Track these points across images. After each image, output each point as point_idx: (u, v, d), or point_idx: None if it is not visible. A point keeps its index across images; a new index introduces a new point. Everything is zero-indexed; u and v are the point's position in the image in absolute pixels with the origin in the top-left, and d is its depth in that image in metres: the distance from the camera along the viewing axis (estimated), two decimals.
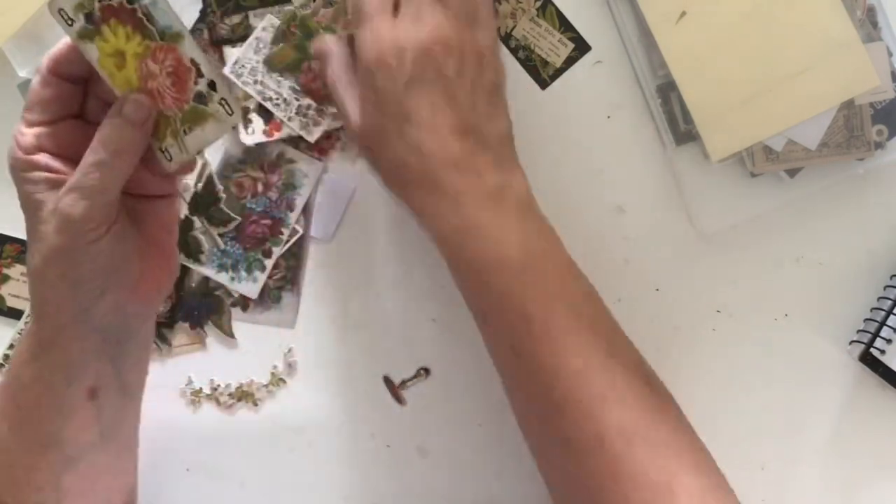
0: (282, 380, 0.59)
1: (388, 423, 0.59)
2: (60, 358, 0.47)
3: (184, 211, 0.59)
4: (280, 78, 0.57)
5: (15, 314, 0.59)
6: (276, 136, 0.58)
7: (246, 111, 0.58)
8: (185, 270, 0.59)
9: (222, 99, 0.44)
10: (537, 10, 0.58)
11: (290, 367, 0.59)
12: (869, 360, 0.57)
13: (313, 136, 0.57)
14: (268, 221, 0.59)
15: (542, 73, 0.59)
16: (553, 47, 0.58)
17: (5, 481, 0.48)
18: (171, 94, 0.45)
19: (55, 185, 0.45)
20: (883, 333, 0.56)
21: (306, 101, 0.57)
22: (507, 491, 0.58)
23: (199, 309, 0.59)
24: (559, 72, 0.59)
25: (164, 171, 0.47)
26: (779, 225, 0.59)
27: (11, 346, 0.59)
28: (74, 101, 0.47)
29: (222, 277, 0.59)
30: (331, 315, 0.59)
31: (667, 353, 0.53)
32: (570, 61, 0.59)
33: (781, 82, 0.55)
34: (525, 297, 0.47)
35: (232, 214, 0.58)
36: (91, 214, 0.44)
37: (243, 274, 0.59)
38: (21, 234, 0.59)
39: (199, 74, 0.44)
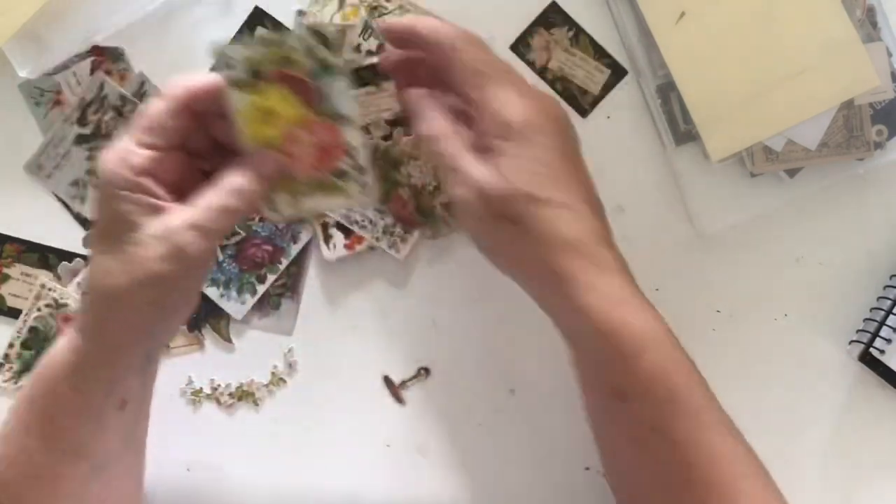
0: (282, 379, 0.59)
1: (388, 423, 0.59)
2: (106, 374, 0.47)
3: None
4: None
5: (14, 314, 0.59)
6: (358, 248, 0.58)
7: (326, 227, 0.58)
8: None
9: (364, 184, 0.47)
10: (570, 39, 0.59)
11: (291, 366, 0.59)
12: (869, 360, 0.57)
13: (402, 253, 0.58)
14: (269, 248, 0.59)
15: (582, 102, 0.59)
16: (589, 75, 0.59)
17: (31, 491, 0.47)
18: (310, 163, 0.47)
19: (154, 210, 0.45)
20: (883, 333, 0.56)
21: (390, 218, 0.58)
22: (506, 491, 0.58)
23: (197, 313, 0.59)
24: (598, 99, 0.59)
25: (266, 217, 0.49)
26: (779, 225, 0.59)
27: (11, 346, 0.59)
28: (190, 133, 0.47)
29: (212, 292, 0.59)
30: (331, 315, 0.59)
31: None
32: (607, 87, 0.59)
33: (781, 82, 0.55)
34: (671, 373, 0.46)
35: (237, 228, 0.58)
36: (206, 253, 0.45)
37: (234, 294, 0.59)
38: (20, 234, 0.60)
39: (350, 157, 0.47)
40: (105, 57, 0.60)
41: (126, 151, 0.45)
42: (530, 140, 0.45)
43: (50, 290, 0.59)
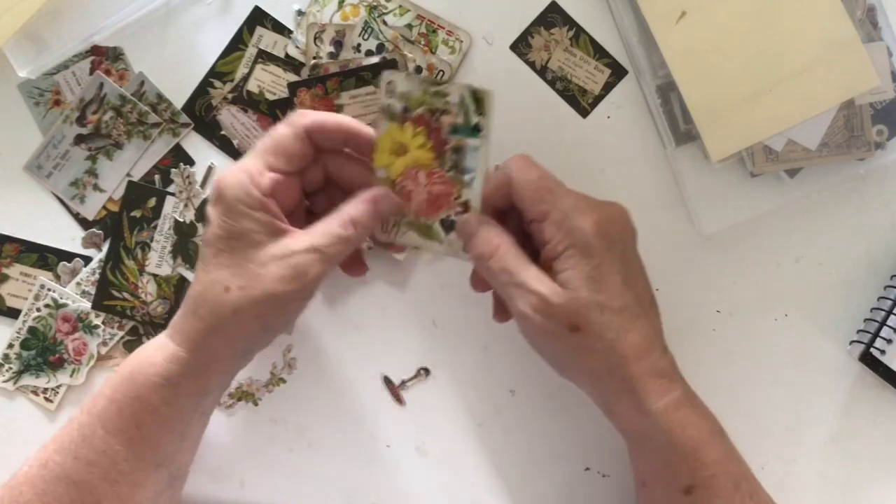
0: (281, 379, 0.59)
1: (388, 423, 0.59)
2: (200, 387, 0.48)
3: (189, 216, 0.59)
4: None
5: (13, 314, 0.59)
6: None
7: None
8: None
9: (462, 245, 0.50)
10: (570, 39, 0.59)
11: (290, 365, 0.59)
12: (869, 360, 0.57)
13: (402, 253, 0.59)
14: None
15: (582, 102, 0.59)
16: (590, 75, 0.59)
17: (107, 494, 0.47)
18: (418, 206, 0.50)
19: (274, 231, 0.47)
20: (883, 333, 0.56)
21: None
22: (506, 491, 0.58)
23: None
24: (598, 98, 0.59)
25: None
26: (779, 225, 0.59)
27: (10, 346, 0.59)
28: (308, 162, 0.50)
29: None
30: (331, 315, 0.59)
31: None
32: (608, 87, 0.59)
33: (781, 82, 0.55)
34: (728, 463, 0.48)
35: None
36: (321, 277, 0.47)
37: None
38: (20, 234, 0.60)
39: (463, 210, 0.50)
40: (104, 57, 0.60)
41: (256, 171, 0.48)
42: (597, 248, 0.46)
43: (49, 290, 0.59)
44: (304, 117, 0.49)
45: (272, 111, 0.59)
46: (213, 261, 0.48)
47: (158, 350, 0.48)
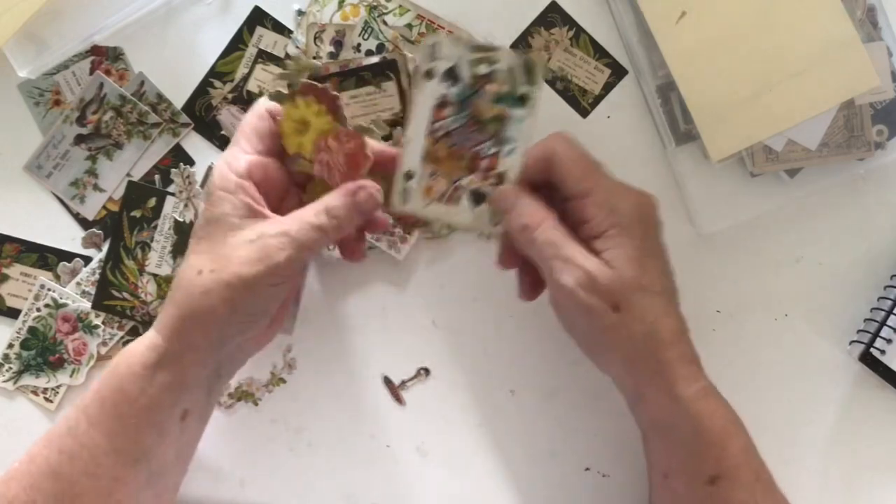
0: (281, 379, 0.59)
1: (388, 423, 0.59)
2: (177, 379, 0.48)
3: (189, 216, 0.59)
4: None
5: (13, 314, 0.59)
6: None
7: None
8: None
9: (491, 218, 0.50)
10: (570, 39, 0.59)
11: (290, 365, 0.59)
12: (869, 360, 0.57)
13: (402, 253, 0.58)
14: None
15: (582, 102, 0.59)
16: (590, 75, 0.59)
17: (87, 488, 0.47)
18: (341, 171, 0.49)
19: (252, 213, 0.48)
20: (883, 333, 0.56)
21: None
22: (506, 491, 0.58)
23: None
24: (598, 98, 0.59)
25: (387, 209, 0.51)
26: (779, 225, 0.59)
27: (10, 346, 0.59)
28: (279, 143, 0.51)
29: None
30: (331, 315, 0.59)
31: None
32: (608, 87, 0.59)
33: (781, 82, 0.55)
34: (752, 452, 0.48)
35: None
36: (289, 265, 0.46)
37: None
38: (20, 234, 0.60)
39: (499, 182, 0.49)
40: (104, 57, 0.60)
41: (231, 157, 0.49)
42: (636, 229, 0.47)
43: (49, 290, 0.59)
44: (266, 101, 0.51)
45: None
46: (193, 249, 0.48)
47: (142, 340, 0.48)
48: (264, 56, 0.59)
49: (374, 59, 0.58)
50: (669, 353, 0.46)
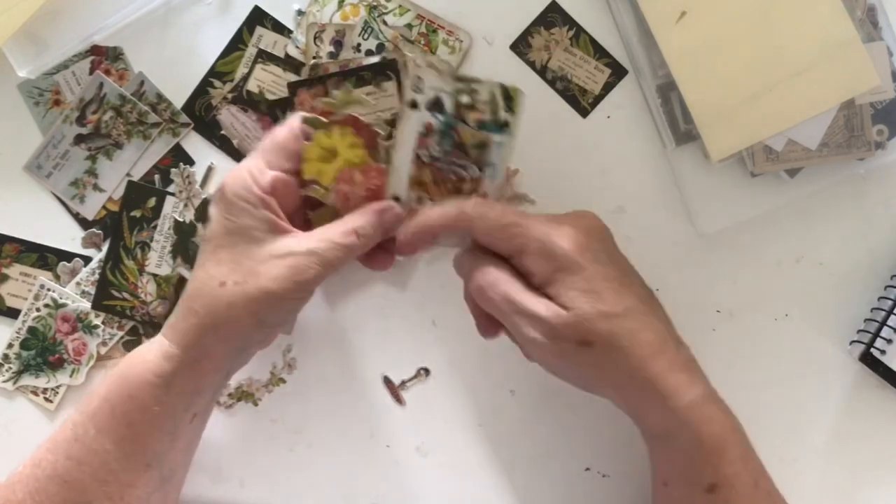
0: (281, 379, 0.59)
1: (388, 423, 0.59)
2: (190, 386, 0.48)
3: (189, 216, 0.59)
4: None
5: (13, 314, 0.59)
6: None
7: None
8: None
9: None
10: (570, 39, 0.59)
11: (290, 365, 0.59)
12: (869, 360, 0.57)
13: None
14: None
15: (582, 102, 0.59)
16: (590, 75, 0.59)
17: (97, 494, 0.47)
18: (358, 205, 0.51)
19: (274, 229, 0.48)
20: (883, 333, 0.56)
21: None
22: (506, 491, 0.58)
23: None
24: (598, 98, 0.59)
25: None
26: (779, 225, 0.59)
27: (10, 346, 0.59)
28: None
29: None
30: (331, 315, 0.59)
31: None
32: (608, 87, 0.59)
33: (781, 82, 0.55)
34: (749, 460, 0.48)
35: None
36: (316, 281, 0.47)
37: None
38: (19, 234, 0.60)
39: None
40: (104, 57, 0.60)
41: (256, 169, 0.49)
42: (578, 264, 0.46)
43: (49, 290, 0.59)
44: (298, 118, 0.51)
45: (272, 111, 0.59)
46: (210, 257, 0.48)
47: (152, 348, 0.48)
48: (264, 56, 0.59)
49: (374, 59, 0.58)
50: (654, 367, 0.46)
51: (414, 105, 0.50)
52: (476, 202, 0.49)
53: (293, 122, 0.51)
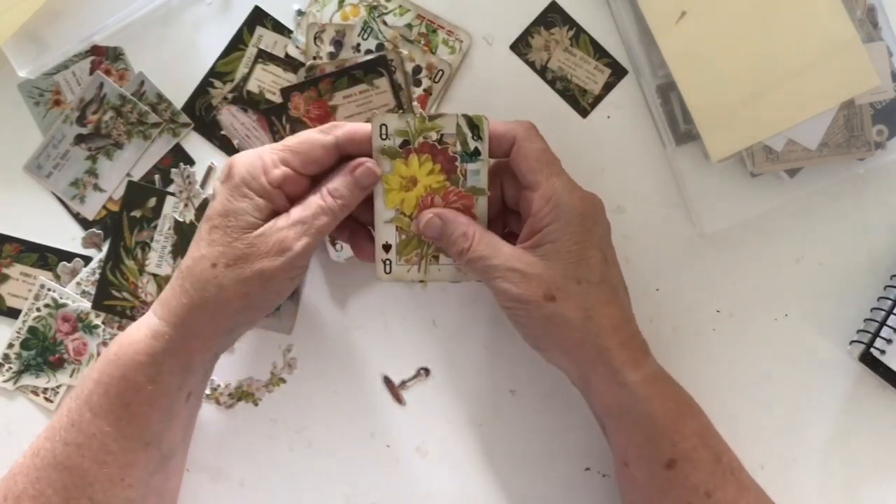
0: (281, 379, 0.59)
1: (388, 423, 0.59)
2: (183, 363, 0.49)
3: (189, 216, 0.59)
4: None
5: (13, 314, 0.59)
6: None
7: None
8: None
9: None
10: (570, 39, 0.59)
11: (290, 365, 0.59)
12: (869, 360, 0.57)
13: None
14: None
15: (582, 102, 0.59)
16: (590, 75, 0.59)
17: (101, 476, 0.48)
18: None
19: (271, 217, 0.49)
20: (883, 333, 0.56)
21: None
22: (506, 491, 0.58)
23: None
24: (598, 98, 0.59)
25: (377, 276, 0.52)
26: (779, 225, 0.59)
27: (10, 346, 0.59)
28: (325, 169, 0.51)
29: None
30: (331, 315, 0.59)
31: (667, 353, 0.53)
32: (608, 87, 0.59)
33: (781, 82, 0.55)
34: (710, 434, 0.49)
35: None
36: (307, 252, 0.48)
37: None
38: (20, 234, 0.60)
39: None
40: (104, 57, 0.60)
41: (270, 162, 0.49)
42: (576, 224, 0.48)
43: (49, 290, 0.59)
44: (339, 129, 0.50)
45: (269, 117, 0.59)
46: (206, 237, 0.49)
47: (142, 327, 0.49)
48: (264, 56, 0.59)
49: (366, 57, 0.58)
50: (610, 340, 0.47)
51: (384, 153, 0.50)
52: (529, 126, 0.50)
53: (331, 131, 0.50)
